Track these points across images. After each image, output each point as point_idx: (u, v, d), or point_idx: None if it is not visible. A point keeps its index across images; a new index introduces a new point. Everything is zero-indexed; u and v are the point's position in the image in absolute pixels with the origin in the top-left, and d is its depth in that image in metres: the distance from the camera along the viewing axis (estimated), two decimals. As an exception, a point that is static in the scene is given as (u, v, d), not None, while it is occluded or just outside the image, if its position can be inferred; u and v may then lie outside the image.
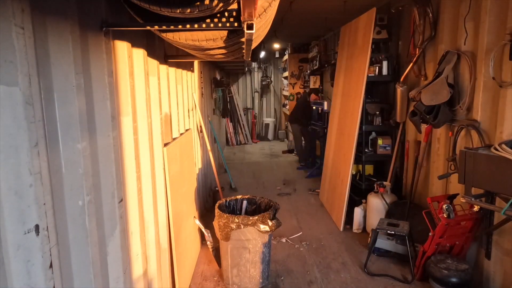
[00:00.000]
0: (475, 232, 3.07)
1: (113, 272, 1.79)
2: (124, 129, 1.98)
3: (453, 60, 3.28)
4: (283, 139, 11.42)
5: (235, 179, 6.61)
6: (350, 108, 4.71)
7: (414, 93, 3.63)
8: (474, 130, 3.07)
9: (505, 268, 2.77)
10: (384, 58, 4.54)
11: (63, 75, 1.38)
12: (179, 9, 1.40)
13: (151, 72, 2.50)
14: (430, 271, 3.01)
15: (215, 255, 3.59)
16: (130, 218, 2.05)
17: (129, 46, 2.04)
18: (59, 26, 1.36)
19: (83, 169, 1.48)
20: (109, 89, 1.75)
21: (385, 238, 3.67)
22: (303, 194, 5.98)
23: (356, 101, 4.48)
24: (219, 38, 1.84)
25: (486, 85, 2.97)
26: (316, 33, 7.62)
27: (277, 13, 2.01)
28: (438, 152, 3.73)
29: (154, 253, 2.47)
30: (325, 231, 4.47)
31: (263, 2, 1.49)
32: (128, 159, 2.02)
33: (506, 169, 2.35)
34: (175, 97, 3.36)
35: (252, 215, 3.15)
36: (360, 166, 4.94)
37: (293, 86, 9.93)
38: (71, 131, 1.42)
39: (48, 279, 1.22)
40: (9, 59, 1.08)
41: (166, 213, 2.81)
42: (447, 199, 3.14)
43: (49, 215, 1.25)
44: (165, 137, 2.88)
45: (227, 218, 3.04)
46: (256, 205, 3.54)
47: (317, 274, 3.47)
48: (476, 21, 3.06)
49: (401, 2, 4.14)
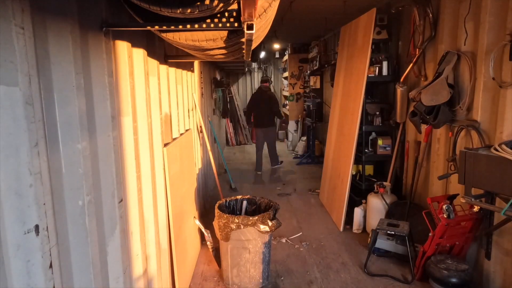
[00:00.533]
0: (475, 233, 3.07)
1: (113, 272, 1.79)
2: (124, 129, 1.98)
3: (453, 60, 3.28)
4: (283, 139, 11.42)
5: (235, 179, 6.61)
6: (350, 108, 4.71)
7: (414, 93, 3.62)
8: (474, 131, 3.07)
9: (505, 268, 2.77)
10: (384, 58, 4.54)
11: (63, 75, 1.38)
12: (179, 9, 1.40)
13: (151, 72, 2.50)
14: (430, 271, 3.01)
15: (215, 255, 3.59)
16: (130, 218, 2.05)
17: (129, 46, 2.04)
18: (59, 26, 1.36)
19: (83, 169, 1.48)
20: (109, 89, 1.75)
21: (385, 238, 3.67)
22: (303, 194, 5.98)
23: (356, 101, 4.48)
24: (219, 38, 1.84)
25: (486, 85, 2.97)
26: (316, 33, 7.63)
27: (277, 13, 2.01)
28: (438, 152, 3.73)
29: (154, 253, 2.47)
30: (325, 231, 4.47)
31: (263, 3, 1.49)
32: (128, 159, 2.02)
33: (506, 170, 2.35)
34: (175, 97, 3.36)
35: (252, 215, 3.15)
36: (360, 166, 4.94)
37: (293, 86, 9.93)
38: (71, 131, 1.42)
39: (48, 279, 1.22)
40: (9, 59, 1.08)
41: (166, 213, 2.81)
42: (447, 199, 3.14)
43: (49, 215, 1.25)
44: (165, 137, 2.88)
45: (227, 218, 3.04)
46: (256, 205, 3.54)
47: (317, 274, 3.47)
48: (476, 21, 3.06)
49: (401, 2, 4.14)
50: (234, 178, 6.54)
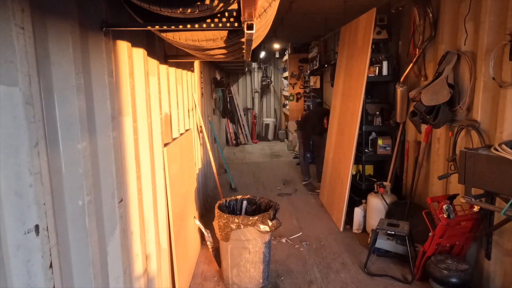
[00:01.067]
0: (475, 233, 3.07)
1: (113, 272, 1.79)
2: (124, 129, 1.98)
3: (453, 60, 3.28)
4: (283, 139, 11.42)
5: (235, 179, 6.61)
6: (350, 108, 4.71)
7: (414, 93, 3.62)
8: (474, 130, 3.07)
9: (505, 268, 2.77)
10: (384, 58, 4.54)
11: (63, 75, 1.38)
12: (180, 9, 1.40)
13: (151, 72, 2.50)
14: (430, 271, 3.01)
15: (215, 255, 3.58)
16: (130, 218, 2.05)
17: (129, 46, 2.04)
18: (59, 26, 1.36)
19: (83, 169, 1.48)
20: (109, 89, 1.75)
21: (385, 238, 3.67)
22: (303, 195, 5.98)
23: (356, 101, 4.48)
24: (219, 38, 1.84)
25: (486, 85, 2.97)
26: (316, 33, 7.62)
27: (277, 13, 2.01)
28: (438, 152, 3.73)
29: (154, 253, 2.47)
30: (325, 231, 4.46)
31: (263, 2, 1.49)
32: (128, 159, 2.02)
33: (506, 170, 2.35)
34: (175, 97, 3.36)
35: (252, 215, 3.15)
36: (360, 166, 4.94)
37: (293, 86, 9.93)
38: (71, 131, 1.42)
39: (48, 279, 1.22)
40: (9, 59, 1.08)
41: (166, 213, 2.81)
42: (447, 199, 3.14)
43: (49, 215, 1.25)
44: (165, 137, 2.88)
45: (227, 218, 3.04)
46: (256, 205, 3.54)
47: (317, 274, 3.47)
48: (476, 21, 3.06)
49: (401, 2, 4.13)
50: (234, 178, 6.54)
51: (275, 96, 12.41)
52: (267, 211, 3.25)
